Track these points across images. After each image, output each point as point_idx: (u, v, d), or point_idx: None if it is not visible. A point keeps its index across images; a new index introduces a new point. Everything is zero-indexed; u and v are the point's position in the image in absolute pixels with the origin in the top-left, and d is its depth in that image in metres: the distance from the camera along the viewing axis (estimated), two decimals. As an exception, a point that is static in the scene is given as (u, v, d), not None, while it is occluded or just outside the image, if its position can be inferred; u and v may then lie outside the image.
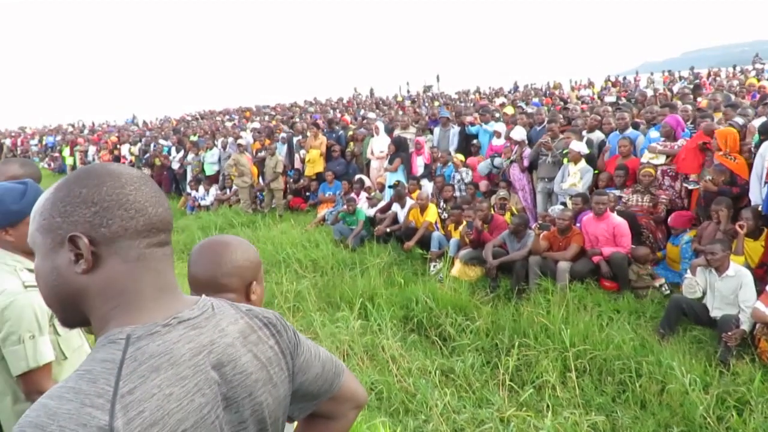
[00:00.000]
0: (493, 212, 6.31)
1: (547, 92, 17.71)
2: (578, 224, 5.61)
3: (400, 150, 8.76)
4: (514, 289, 5.39)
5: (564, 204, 6.23)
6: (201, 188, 11.31)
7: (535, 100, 13.87)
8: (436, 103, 17.34)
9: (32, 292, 1.77)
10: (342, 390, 1.09)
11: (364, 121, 11.14)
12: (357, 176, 9.09)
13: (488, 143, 8.27)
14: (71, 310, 0.83)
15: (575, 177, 6.27)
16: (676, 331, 4.42)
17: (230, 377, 0.84)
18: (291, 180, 10.33)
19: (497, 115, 9.47)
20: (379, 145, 9.24)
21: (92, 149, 16.59)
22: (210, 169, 11.55)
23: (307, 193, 10.15)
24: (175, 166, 12.72)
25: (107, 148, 15.68)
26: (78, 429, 0.67)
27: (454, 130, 8.99)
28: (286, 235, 7.93)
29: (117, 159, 14.81)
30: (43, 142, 22.35)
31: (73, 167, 17.09)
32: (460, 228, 6.33)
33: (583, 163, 6.34)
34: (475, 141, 8.60)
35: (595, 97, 14.88)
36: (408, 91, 27.56)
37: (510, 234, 5.77)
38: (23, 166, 2.81)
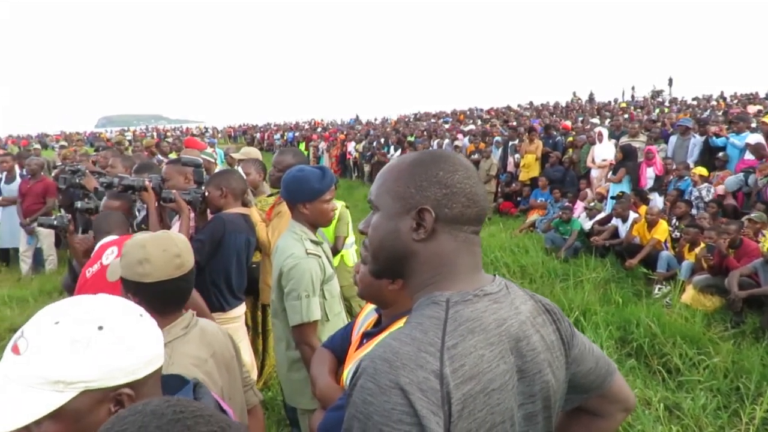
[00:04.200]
0: (742, 236, 5.43)
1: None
2: None
3: (626, 159, 8.08)
4: (765, 328, 4.58)
5: None
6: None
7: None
8: (666, 110, 15.58)
9: (312, 259, 2.09)
10: (613, 389, 1.08)
11: (587, 127, 10.54)
12: (575, 184, 8.66)
13: (739, 158, 7.15)
14: (393, 265, 0.96)
15: None
16: None
17: (524, 352, 0.90)
18: (503, 183, 10.30)
19: (754, 124, 8.12)
20: (602, 152, 8.65)
21: (323, 145, 18.68)
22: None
23: (518, 198, 10.01)
24: (393, 163, 13.63)
25: (336, 144, 17.50)
26: (416, 369, 0.78)
27: (695, 140, 7.96)
28: (495, 239, 7.93)
29: (344, 155, 16.45)
30: (285, 137, 25.84)
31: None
32: (697, 250, 5.59)
33: None
34: (720, 154, 7.51)
35: None
36: (633, 96, 25.25)
37: (765, 263, 4.91)
38: (295, 156, 3.32)
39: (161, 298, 1.44)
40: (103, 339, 0.87)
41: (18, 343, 0.88)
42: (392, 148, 14.00)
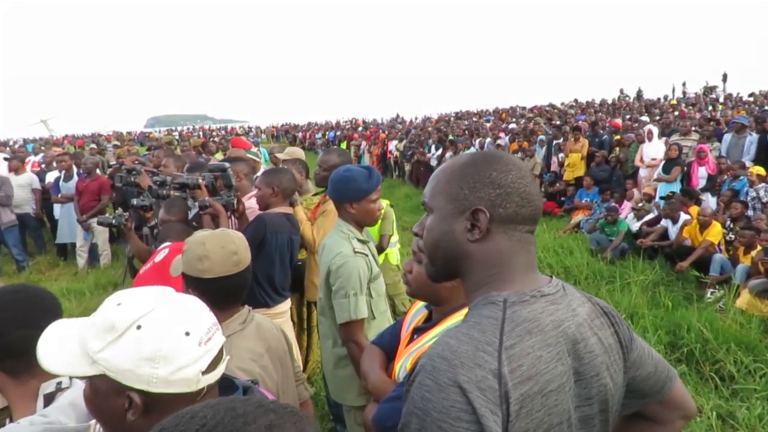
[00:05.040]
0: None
1: None
2: None
3: (680, 157, 7.81)
4: (828, 337, 4.35)
5: None
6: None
7: None
8: (720, 107, 14.95)
9: (359, 257, 2.12)
10: (672, 395, 1.06)
11: (635, 125, 10.24)
12: (622, 184, 8.43)
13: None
14: (448, 267, 0.97)
15: None
16: None
17: (582, 354, 0.90)
18: (546, 183, 10.12)
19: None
20: (652, 151, 8.38)
21: (364, 144, 18.76)
22: (467, 168, 12.03)
23: (562, 198, 9.82)
24: (434, 162, 13.55)
25: (377, 143, 17.55)
26: (474, 368, 0.79)
27: (752, 138, 7.62)
28: (538, 239, 7.80)
29: (384, 153, 16.49)
30: (326, 136, 26.08)
31: (348, 159, 19.58)
32: (753, 253, 5.35)
33: None
34: (780, 152, 7.17)
35: None
36: (684, 92, 24.34)
37: (828, 268, 4.66)
38: (340, 155, 3.37)
39: (220, 294, 1.49)
40: (133, 338, 0.88)
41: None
42: (433, 147, 13.94)
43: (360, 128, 25.55)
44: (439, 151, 13.39)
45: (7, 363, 1.14)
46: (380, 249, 3.58)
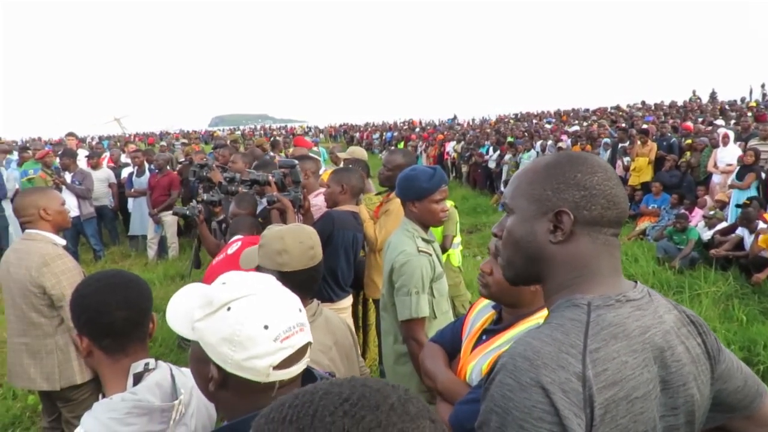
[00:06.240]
0: None
1: None
2: None
3: (755, 164, 7.36)
4: None
5: None
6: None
7: None
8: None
9: (423, 256, 2.14)
10: (762, 411, 1.01)
11: (708, 129, 9.72)
12: (692, 190, 8.02)
13: None
14: (529, 269, 0.96)
15: None
16: None
17: (669, 362, 0.87)
18: (609, 187, 9.77)
19: None
20: (727, 156, 7.93)
21: (421, 144, 18.74)
22: (525, 170, 11.78)
23: (628, 204, 9.46)
24: (492, 164, 13.34)
25: (434, 144, 17.49)
26: (558, 369, 0.78)
27: (841, 143, 7.07)
28: (600, 245, 7.56)
29: (441, 155, 16.41)
30: (383, 137, 26.21)
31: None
32: (841, 268, 4.98)
33: None
34: None
35: None
36: (765, 94, 22.86)
37: None
38: (405, 156, 3.40)
39: (295, 287, 1.54)
40: (221, 317, 0.94)
41: None
42: (491, 148, 13.73)
43: (417, 129, 25.53)
44: (497, 153, 13.18)
45: (105, 342, 1.23)
46: (443, 249, 3.58)
